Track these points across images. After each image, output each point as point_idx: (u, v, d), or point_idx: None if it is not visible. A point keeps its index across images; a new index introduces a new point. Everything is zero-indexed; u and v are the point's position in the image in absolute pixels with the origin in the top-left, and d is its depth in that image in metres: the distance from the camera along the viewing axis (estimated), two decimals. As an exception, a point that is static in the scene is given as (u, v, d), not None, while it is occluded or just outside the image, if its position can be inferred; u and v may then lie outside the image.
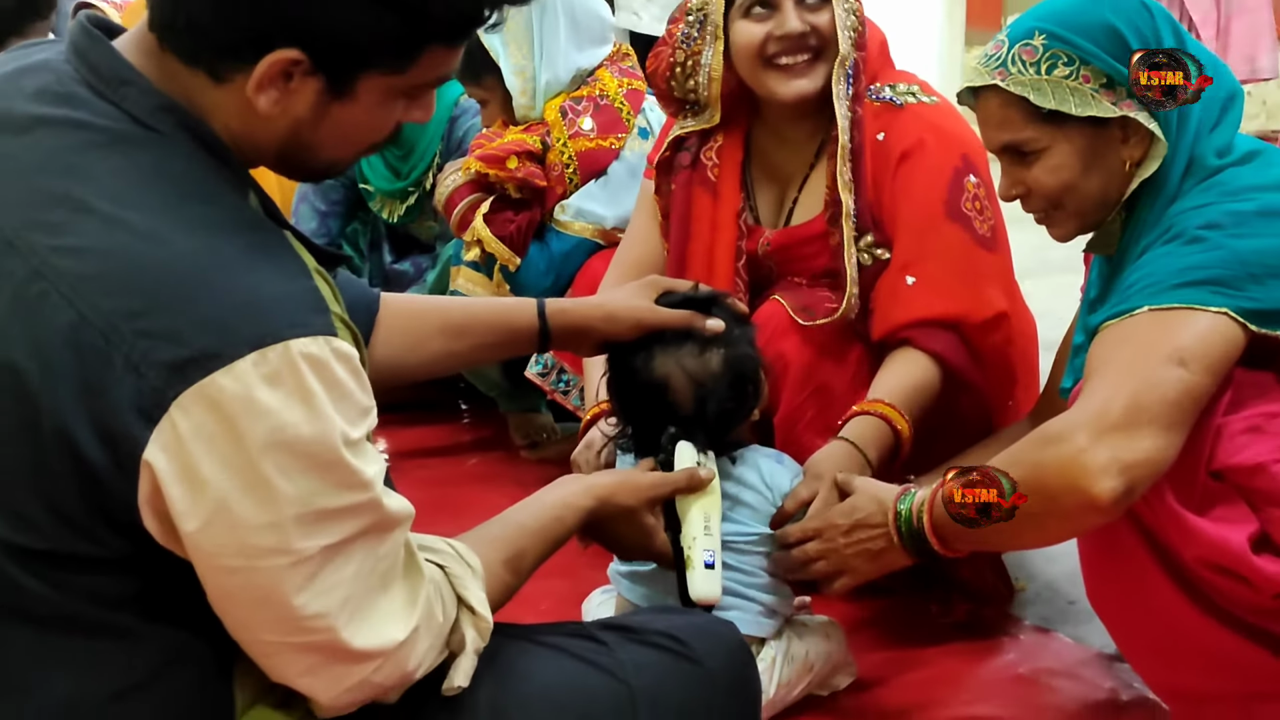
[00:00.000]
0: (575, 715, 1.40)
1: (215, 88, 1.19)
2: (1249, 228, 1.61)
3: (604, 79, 2.85)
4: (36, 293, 1.11)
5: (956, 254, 2.11)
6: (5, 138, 1.19)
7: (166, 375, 1.07)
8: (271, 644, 1.19)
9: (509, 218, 2.75)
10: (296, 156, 1.26)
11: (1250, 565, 1.54)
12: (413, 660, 1.26)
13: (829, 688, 1.98)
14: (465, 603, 1.33)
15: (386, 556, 1.21)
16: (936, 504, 1.66)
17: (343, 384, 1.13)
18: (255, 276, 1.12)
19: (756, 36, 2.14)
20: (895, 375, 2.06)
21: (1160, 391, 1.51)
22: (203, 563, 1.14)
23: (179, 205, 1.14)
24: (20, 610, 1.17)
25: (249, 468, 1.09)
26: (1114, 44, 1.69)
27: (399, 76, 1.21)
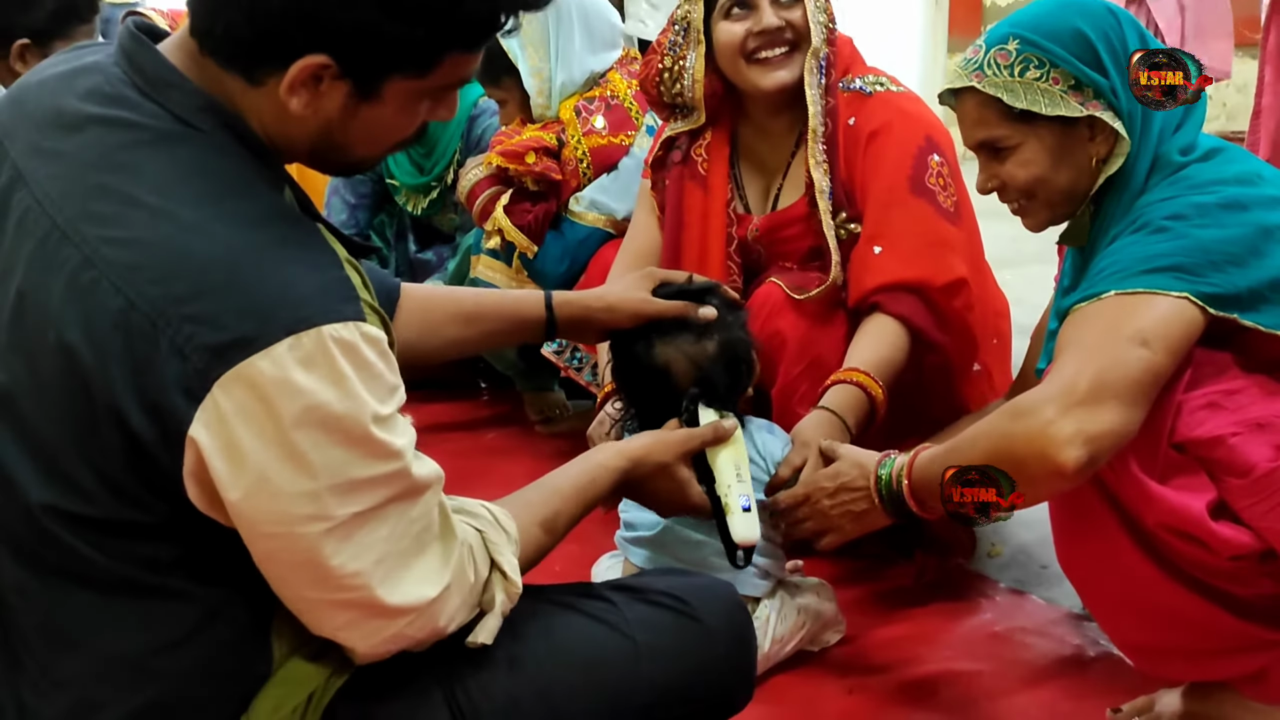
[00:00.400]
0: (585, 667, 1.41)
1: (251, 90, 1.19)
2: (1211, 218, 1.61)
3: (615, 80, 2.85)
4: (88, 280, 1.11)
5: (921, 225, 2.12)
6: (59, 135, 1.19)
7: (209, 358, 1.08)
8: (311, 600, 1.20)
9: (526, 209, 2.76)
10: (328, 153, 1.26)
11: (1209, 530, 1.54)
12: (444, 616, 1.26)
13: (820, 643, 1.99)
14: (498, 566, 1.33)
15: (419, 519, 1.21)
16: (914, 468, 1.67)
17: (372, 365, 1.14)
18: (290, 267, 1.13)
19: (737, 34, 2.17)
20: (868, 343, 2.07)
21: (1124, 369, 1.51)
22: (246, 529, 1.14)
23: (220, 199, 1.14)
24: (77, 574, 1.18)
25: (285, 442, 1.09)
26: (1082, 49, 1.69)
27: (422, 80, 1.20)
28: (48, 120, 1.21)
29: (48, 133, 1.20)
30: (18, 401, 1.16)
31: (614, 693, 1.42)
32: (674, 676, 1.45)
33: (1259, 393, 1.59)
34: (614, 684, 1.42)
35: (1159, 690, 1.79)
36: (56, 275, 1.13)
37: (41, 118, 1.22)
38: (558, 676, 1.39)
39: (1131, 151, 1.70)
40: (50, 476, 1.15)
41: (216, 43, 1.17)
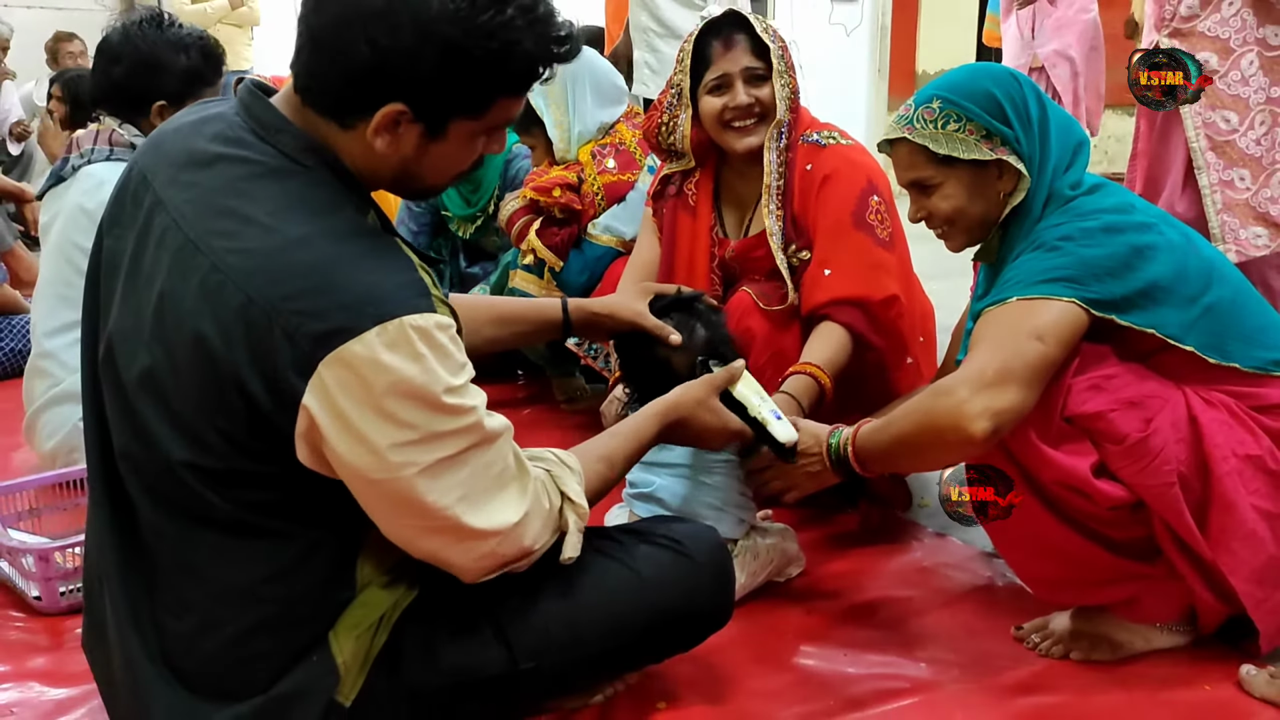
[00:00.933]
0: (600, 595, 1.42)
1: (344, 133, 1.20)
2: (1093, 240, 1.61)
3: (622, 131, 2.85)
4: (215, 282, 1.13)
5: (861, 252, 2.12)
6: (192, 170, 1.21)
7: (314, 344, 1.10)
8: (411, 529, 1.21)
9: (554, 232, 2.76)
10: (406, 182, 1.27)
11: (1092, 486, 1.56)
12: (529, 537, 1.27)
13: (785, 575, 1.99)
14: (565, 495, 1.34)
15: (496, 462, 1.22)
16: (857, 437, 1.67)
17: (443, 346, 1.15)
18: (375, 271, 1.14)
19: (716, 107, 2.18)
20: (819, 344, 2.07)
21: (1023, 359, 1.51)
22: (351, 476, 1.16)
23: (318, 218, 1.16)
24: (202, 517, 1.20)
25: (378, 407, 1.11)
26: (992, 107, 1.70)
27: (478, 120, 1.22)
28: (182, 158, 1.23)
29: (183, 168, 1.22)
30: (160, 380, 1.17)
31: (623, 615, 1.43)
32: (670, 601, 1.46)
33: (1132, 378, 1.60)
34: (623, 608, 1.43)
35: (1053, 612, 1.79)
36: (190, 279, 1.15)
37: (177, 157, 1.23)
38: (579, 603, 1.40)
39: (1031, 188, 1.70)
40: (185, 438, 1.17)
41: (316, 97, 1.19)
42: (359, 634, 1.27)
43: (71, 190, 2.36)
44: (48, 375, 2.36)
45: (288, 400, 1.11)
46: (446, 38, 1.13)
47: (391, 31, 1.12)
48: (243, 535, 1.20)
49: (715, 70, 2.17)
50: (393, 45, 1.12)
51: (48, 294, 2.38)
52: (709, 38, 2.18)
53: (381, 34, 1.12)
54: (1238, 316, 1.65)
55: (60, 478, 2.17)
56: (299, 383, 1.10)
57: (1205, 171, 2.34)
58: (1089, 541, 1.62)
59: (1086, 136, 1.80)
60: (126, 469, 1.24)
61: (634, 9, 3.55)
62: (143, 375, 1.18)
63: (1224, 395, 1.61)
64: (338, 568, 1.26)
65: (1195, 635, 1.72)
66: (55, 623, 1.88)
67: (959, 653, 1.76)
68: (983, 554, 2.10)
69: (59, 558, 1.89)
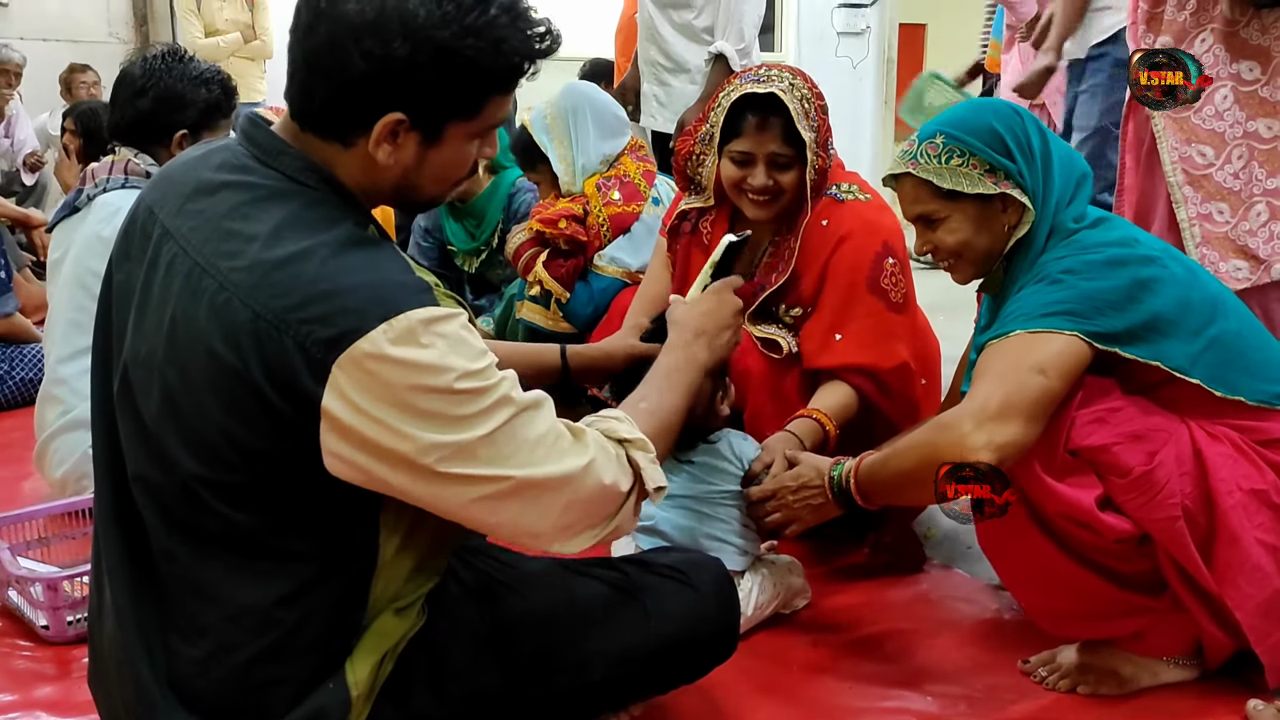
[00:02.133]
0: (605, 624, 1.42)
1: (345, 151, 1.22)
2: (1096, 273, 1.62)
3: (626, 163, 2.88)
4: (223, 301, 1.15)
5: (874, 319, 2.10)
6: (198, 198, 1.24)
7: (324, 348, 1.11)
8: (477, 504, 1.19)
9: (560, 264, 2.78)
10: (407, 194, 1.29)
11: (1097, 519, 1.56)
12: (607, 474, 1.26)
13: (791, 607, 1.99)
14: (622, 439, 1.31)
15: (545, 427, 1.22)
16: (859, 470, 1.68)
17: (452, 335, 1.15)
18: (376, 275, 1.16)
19: (735, 176, 2.13)
20: (828, 395, 2.08)
21: (1025, 392, 1.52)
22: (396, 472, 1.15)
23: (319, 233, 1.18)
24: (216, 537, 1.20)
25: (398, 402, 1.12)
26: (995, 141, 1.71)
27: (473, 122, 1.24)
28: (189, 189, 1.25)
29: (189, 198, 1.24)
30: (177, 401, 1.18)
31: (627, 645, 1.43)
32: (675, 632, 1.46)
33: (1137, 411, 1.60)
34: (627, 637, 1.43)
35: (1060, 646, 1.79)
36: (199, 300, 1.16)
37: (183, 188, 1.26)
38: (583, 632, 1.40)
39: (1034, 220, 1.71)
40: (200, 455, 1.17)
41: (314, 120, 1.22)
42: (372, 663, 1.27)
43: (87, 219, 2.40)
44: (60, 402, 2.38)
45: (307, 407, 1.13)
46: (438, 41, 1.16)
47: (384, 41, 1.15)
48: (257, 556, 1.21)
49: (742, 144, 2.11)
50: (387, 54, 1.15)
51: (61, 321, 2.40)
52: (744, 108, 2.09)
53: (375, 45, 1.15)
54: (1243, 350, 1.65)
55: (69, 506, 2.18)
56: (316, 389, 1.12)
57: (1184, 206, 2.35)
58: (1095, 575, 1.62)
59: (1089, 169, 1.81)
60: (140, 492, 1.25)
61: (642, 43, 3.58)
62: (161, 399, 1.19)
63: (1228, 429, 1.61)
64: (352, 588, 1.26)
65: (1203, 669, 1.72)
66: (63, 652, 1.88)
67: (966, 686, 1.76)
68: (989, 586, 2.09)
69: (67, 586, 1.90)
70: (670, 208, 2.44)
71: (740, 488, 1.89)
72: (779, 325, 2.18)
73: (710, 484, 1.89)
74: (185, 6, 6.25)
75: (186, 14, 6.23)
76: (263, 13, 6.37)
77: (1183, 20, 2.31)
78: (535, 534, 1.24)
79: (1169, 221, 2.40)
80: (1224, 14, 2.25)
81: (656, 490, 1.32)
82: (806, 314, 2.15)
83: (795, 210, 2.16)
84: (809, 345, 2.13)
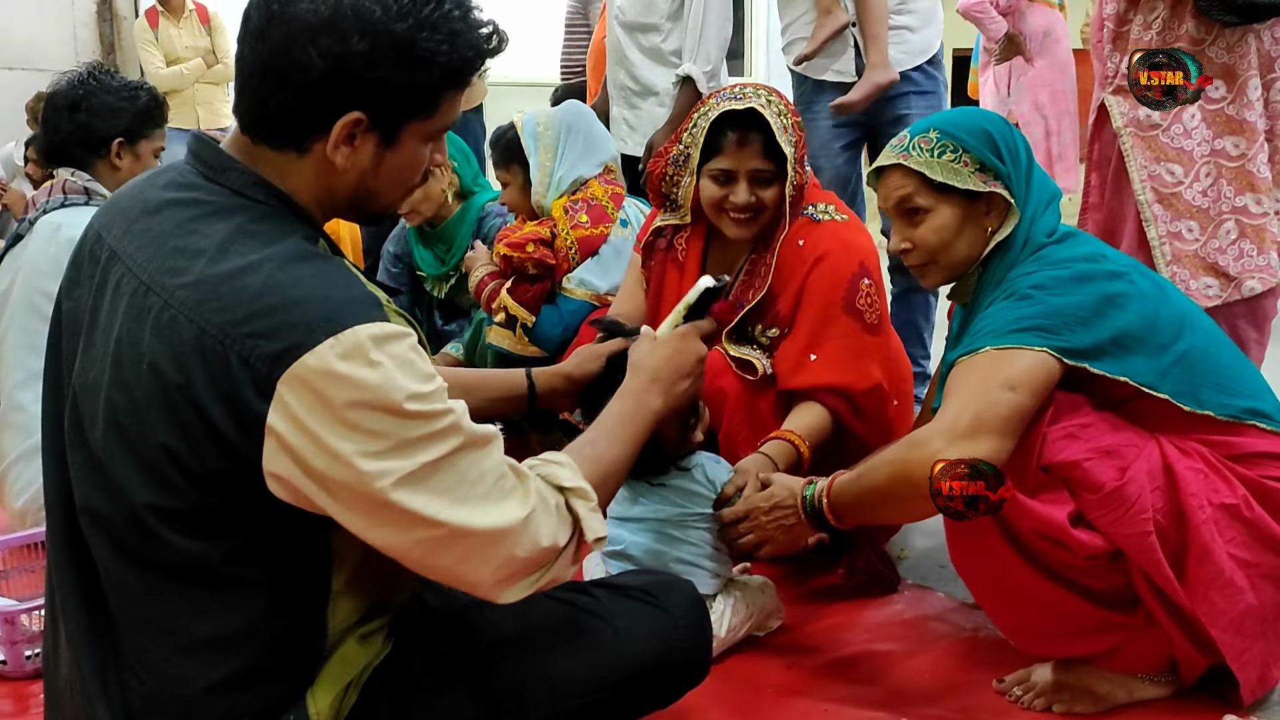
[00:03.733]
0: (575, 649, 1.39)
1: (300, 159, 1.21)
2: (1065, 289, 1.62)
3: (593, 186, 2.87)
4: (168, 318, 1.13)
5: (849, 339, 2.10)
6: (144, 218, 1.22)
7: (270, 364, 1.08)
8: (416, 545, 1.16)
9: (526, 288, 2.77)
10: (363, 202, 1.27)
11: (1069, 535, 1.55)
12: (543, 533, 1.22)
13: (765, 629, 1.98)
14: (562, 487, 1.28)
15: (490, 467, 1.19)
16: (832, 489, 1.67)
17: (401, 355, 1.12)
18: (324, 288, 1.13)
19: (716, 195, 2.12)
20: (801, 416, 2.07)
21: (996, 409, 1.52)
22: (337, 500, 1.12)
23: (266, 246, 1.16)
24: (167, 567, 1.17)
25: (343, 420, 1.09)
26: (988, 142, 1.73)
27: (429, 121, 1.23)
28: (135, 209, 1.24)
29: (135, 217, 1.23)
30: (122, 424, 1.15)
31: (599, 669, 1.40)
32: (646, 655, 1.43)
33: (1107, 426, 1.60)
34: (599, 661, 1.40)
35: (1035, 664, 1.78)
36: (144, 320, 1.14)
37: (129, 208, 1.25)
38: (553, 656, 1.38)
39: (1016, 225, 1.72)
40: (149, 480, 1.14)
41: (270, 126, 1.20)
42: (335, 694, 1.24)
43: (30, 244, 2.39)
44: (18, 429, 2.34)
45: (252, 425, 1.10)
46: (396, 35, 1.16)
47: (341, 38, 1.14)
48: (206, 586, 1.18)
49: (722, 162, 2.10)
50: (344, 50, 1.15)
51: (15, 345, 2.37)
52: (724, 125, 2.09)
53: (333, 43, 1.14)
54: (1211, 365, 1.66)
55: (28, 539, 2.14)
56: (261, 405, 1.09)
57: (1153, 224, 2.37)
58: (1068, 592, 1.61)
59: (1059, 190, 1.83)
60: (88, 524, 1.22)
61: (611, 67, 3.58)
62: (106, 424, 1.17)
63: (1198, 444, 1.62)
64: (307, 616, 1.23)
65: (1178, 685, 1.71)
66: (20, 687, 1.84)
67: (941, 706, 1.75)
68: (964, 605, 2.08)
69: (25, 620, 1.86)
70: (645, 223, 2.43)
71: (712, 510, 1.87)
72: (755, 346, 2.17)
73: (682, 507, 1.88)
74: (143, 38, 6.23)
75: (145, 45, 6.21)
76: (220, 35, 6.34)
77: (1149, 39, 2.33)
78: (475, 583, 1.21)
79: (1138, 239, 2.42)
80: (1189, 33, 2.28)
81: (596, 541, 1.29)
82: (783, 334, 2.15)
83: (773, 228, 2.16)
84: (783, 365, 2.12)
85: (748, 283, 2.19)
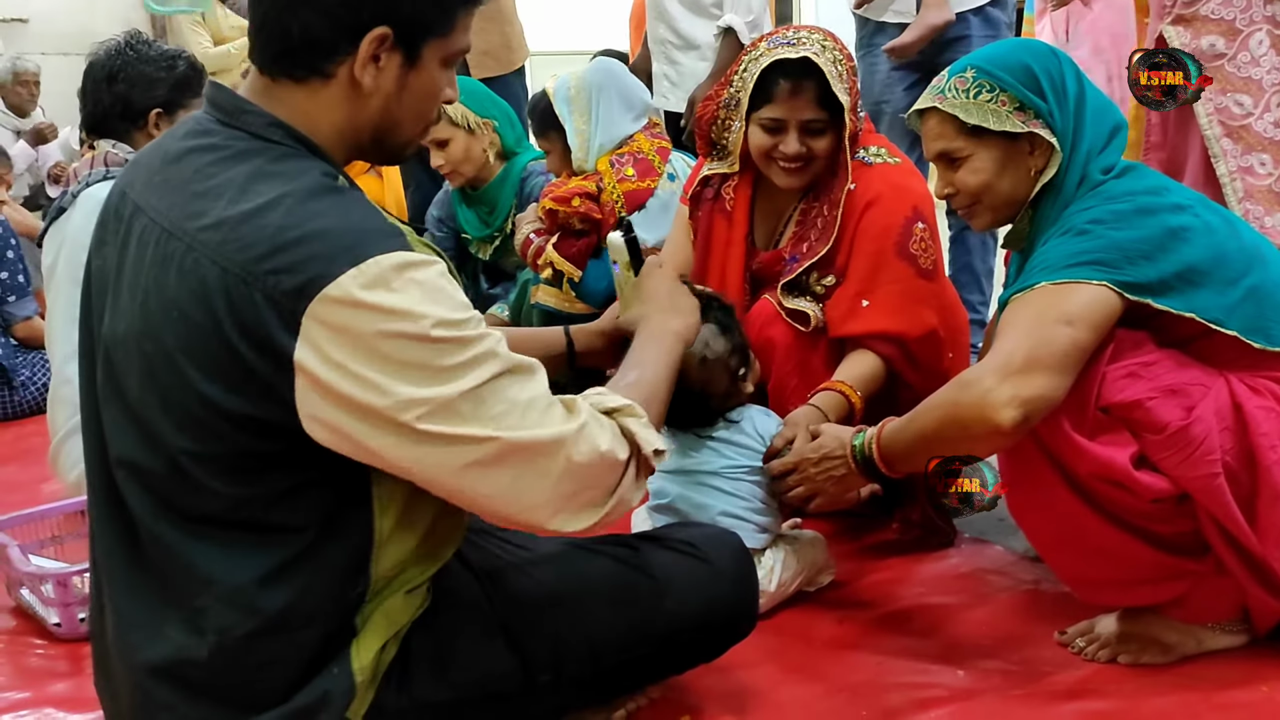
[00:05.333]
0: (615, 602, 1.38)
1: (324, 87, 1.20)
2: (1125, 222, 1.55)
3: (640, 140, 2.83)
4: (191, 261, 1.13)
5: (902, 284, 2.04)
6: (166, 167, 1.23)
7: (294, 298, 1.08)
8: (466, 472, 1.15)
9: (572, 243, 2.75)
10: (386, 134, 1.26)
11: (1132, 478, 1.49)
12: (602, 441, 1.21)
13: (815, 584, 1.93)
14: (609, 408, 1.27)
15: (536, 391, 1.18)
16: (882, 436, 1.62)
17: (428, 283, 1.12)
18: (344, 220, 1.13)
19: (766, 144, 2.06)
20: (853, 365, 2.01)
21: (1052, 345, 1.45)
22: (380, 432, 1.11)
23: (285, 184, 1.15)
24: (207, 515, 1.17)
25: (372, 350, 1.09)
26: (1028, 79, 1.65)
27: (446, 39, 1.23)
28: (156, 161, 1.25)
29: (157, 169, 1.24)
30: (156, 373, 1.16)
31: (640, 623, 1.39)
32: (689, 609, 1.42)
33: (1172, 364, 1.53)
34: (639, 616, 1.39)
35: (1099, 615, 1.71)
36: (169, 266, 1.15)
37: (150, 162, 1.26)
38: (593, 610, 1.37)
39: (1062, 165, 1.64)
40: (184, 427, 1.15)
41: (296, 56, 1.19)
42: (378, 646, 1.24)
43: (74, 217, 2.39)
44: (68, 403, 2.36)
45: (283, 361, 1.09)
46: None
47: None
48: (247, 532, 1.18)
49: (773, 111, 2.03)
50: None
51: (62, 319, 2.39)
52: (776, 72, 2.01)
53: None
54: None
55: (83, 505, 2.15)
56: (289, 340, 1.09)
57: (1222, 160, 2.25)
58: (1132, 538, 1.55)
59: (1124, 120, 1.74)
60: (124, 476, 1.21)
61: (651, 22, 3.54)
62: (141, 375, 1.17)
63: (1271, 382, 1.54)
64: (351, 563, 1.22)
65: (1250, 635, 1.65)
66: (75, 648, 1.86)
67: (1000, 660, 1.70)
68: (1023, 559, 2.02)
69: (78, 582, 1.88)
70: (691, 174, 2.37)
71: (761, 464, 1.83)
72: (809, 296, 2.11)
73: (730, 460, 1.84)
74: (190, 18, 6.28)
75: (193, 26, 6.26)
76: None
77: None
78: (534, 505, 1.18)
79: (1204, 176, 2.32)
80: None
81: (655, 454, 1.27)
82: (838, 283, 2.09)
83: (824, 177, 2.10)
84: (835, 312, 2.07)
85: (800, 234, 2.14)
